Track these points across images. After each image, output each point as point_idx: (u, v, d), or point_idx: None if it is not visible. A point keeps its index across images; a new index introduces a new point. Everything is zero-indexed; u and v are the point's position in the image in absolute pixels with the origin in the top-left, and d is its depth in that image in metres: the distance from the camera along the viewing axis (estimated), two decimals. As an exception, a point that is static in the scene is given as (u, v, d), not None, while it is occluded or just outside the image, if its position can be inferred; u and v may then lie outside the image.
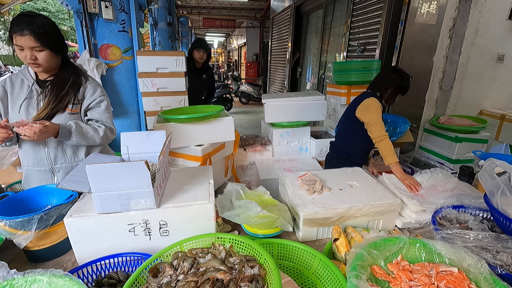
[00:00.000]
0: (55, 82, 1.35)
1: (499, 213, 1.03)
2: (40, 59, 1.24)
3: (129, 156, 1.26)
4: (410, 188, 1.40)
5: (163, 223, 1.01)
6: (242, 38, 15.26)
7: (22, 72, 1.36)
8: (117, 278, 0.93)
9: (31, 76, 1.35)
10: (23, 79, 1.35)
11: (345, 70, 3.08)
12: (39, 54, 1.24)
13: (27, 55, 1.22)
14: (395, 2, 3.33)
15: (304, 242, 1.15)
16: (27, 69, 1.35)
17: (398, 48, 3.27)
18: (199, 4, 11.58)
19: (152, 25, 6.55)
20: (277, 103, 2.74)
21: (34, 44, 1.20)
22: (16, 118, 1.33)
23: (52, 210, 1.04)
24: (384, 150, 1.56)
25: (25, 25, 1.18)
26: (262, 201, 1.33)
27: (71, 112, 1.39)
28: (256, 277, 0.80)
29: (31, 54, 1.22)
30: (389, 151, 1.55)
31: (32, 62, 1.24)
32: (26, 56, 1.22)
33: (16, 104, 1.33)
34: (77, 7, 2.88)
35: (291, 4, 6.69)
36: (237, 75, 11.25)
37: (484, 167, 1.09)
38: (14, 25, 1.19)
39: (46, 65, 1.28)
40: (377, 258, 0.90)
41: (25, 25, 1.18)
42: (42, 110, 1.32)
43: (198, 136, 1.89)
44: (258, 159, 2.79)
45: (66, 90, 1.36)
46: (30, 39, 1.19)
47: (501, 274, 0.87)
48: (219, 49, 23.87)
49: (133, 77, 3.29)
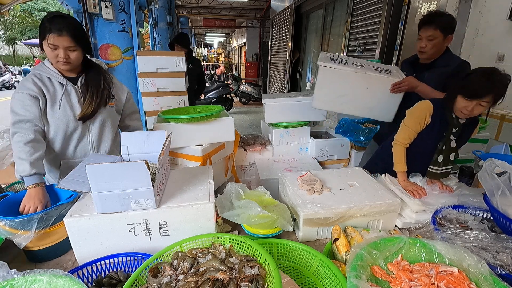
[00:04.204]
0: (91, 78, 1.42)
1: (499, 213, 1.03)
2: (72, 58, 1.31)
3: (129, 156, 1.26)
4: (413, 194, 1.36)
5: (163, 223, 1.01)
6: (242, 38, 15.26)
7: (42, 70, 1.35)
8: (117, 278, 0.93)
9: (59, 74, 1.36)
10: (49, 77, 1.35)
11: (345, 70, 3.07)
12: (72, 53, 1.30)
13: (59, 54, 1.27)
14: (395, 2, 3.33)
15: (304, 242, 1.15)
16: (47, 67, 1.36)
17: (398, 48, 3.27)
18: (199, 4, 11.57)
19: (152, 25, 6.55)
20: (277, 103, 2.73)
21: (70, 44, 1.27)
22: (57, 115, 1.35)
23: (52, 210, 1.04)
24: (395, 155, 1.53)
25: (64, 25, 1.24)
26: (262, 201, 1.33)
27: (111, 106, 1.50)
28: (256, 277, 0.80)
29: (65, 54, 1.28)
30: (397, 158, 1.51)
31: (64, 60, 1.29)
32: (58, 54, 1.27)
33: (55, 101, 1.35)
34: (77, 7, 2.88)
35: (291, 4, 6.68)
36: (237, 75, 11.25)
37: (484, 167, 1.09)
38: (51, 25, 1.22)
39: (75, 64, 1.35)
40: (377, 258, 0.90)
41: (64, 26, 1.24)
42: (87, 106, 1.39)
43: (198, 136, 1.89)
44: (258, 159, 2.79)
45: (103, 85, 1.45)
46: (67, 39, 1.25)
47: (501, 274, 0.88)
48: (219, 49, 23.86)
49: (133, 77, 3.29)
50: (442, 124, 1.43)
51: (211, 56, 23.19)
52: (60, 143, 1.42)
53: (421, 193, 1.36)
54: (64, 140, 1.42)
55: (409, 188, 1.38)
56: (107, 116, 1.49)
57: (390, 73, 1.84)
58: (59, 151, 1.44)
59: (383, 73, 1.83)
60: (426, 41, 1.64)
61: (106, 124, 1.50)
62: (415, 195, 1.35)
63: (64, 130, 1.39)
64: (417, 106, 1.49)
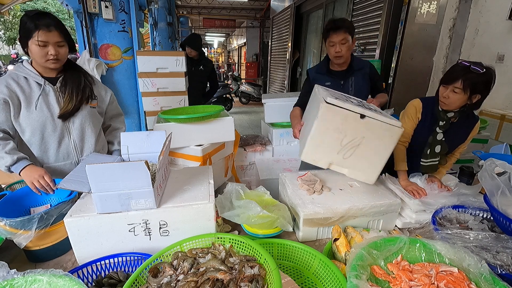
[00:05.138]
0: (70, 77, 1.39)
1: (499, 213, 1.03)
2: (61, 53, 1.29)
3: (129, 156, 1.26)
4: (413, 194, 1.36)
5: (163, 223, 1.01)
6: (242, 38, 15.25)
7: (20, 70, 1.32)
8: (117, 278, 0.93)
9: (37, 74, 1.33)
10: (26, 77, 1.32)
11: (345, 70, 3.07)
12: (60, 50, 1.28)
13: (50, 51, 1.25)
14: (395, 2, 3.33)
15: (304, 242, 1.15)
16: (25, 67, 1.32)
17: (398, 48, 3.27)
18: (199, 4, 11.58)
19: (152, 25, 6.54)
20: (277, 103, 2.74)
21: (59, 39, 1.26)
22: (33, 116, 1.32)
23: (52, 209, 1.04)
24: (395, 154, 1.54)
25: (51, 21, 1.23)
26: (262, 201, 1.33)
27: (92, 106, 1.46)
28: (256, 277, 0.80)
29: (55, 50, 1.26)
30: (398, 157, 1.52)
31: (54, 57, 1.27)
32: (48, 52, 1.25)
33: (31, 102, 1.31)
34: (77, 7, 2.87)
35: (291, 4, 6.69)
36: (237, 75, 11.24)
37: (484, 167, 1.09)
38: (38, 22, 1.20)
39: (63, 61, 1.33)
40: (377, 258, 0.90)
41: (51, 22, 1.23)
42: (67, 102, 1.36)
43: (198, 136, 1.89)
44: (258, 159, 2.79)
45: (84, 83, 1.42)
46: (56, 35, 1.24)
47: (501, 274, 0.88)
48: (219, 49, 23.86)
49: (133, 77, 3.29)
50: (432, 119, 1.49)
51: (211, 56, 23.21)
52: (38, 145, 1.37)
53: (421, 193, 1.36)
54: (43, 143, 1.37)
55: (409, 188, 1.39)
56: (89, 117, 1.45)
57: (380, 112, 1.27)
58: (39, 155, 1.40)
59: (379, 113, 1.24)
60: (340, 46, 1.66)
61: (87, 125, 1.45)
62: (415, 195, 1.35)
63: (41, 131, 1.35)
64: (407, 105, 1.57)
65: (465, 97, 1.33)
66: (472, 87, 1.30)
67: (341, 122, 1.15)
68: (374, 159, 1.21)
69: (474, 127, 1.48)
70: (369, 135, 1.17)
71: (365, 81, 1.82)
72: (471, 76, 1.29)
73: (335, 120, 1.15)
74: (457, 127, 1.47)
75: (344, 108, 1.14)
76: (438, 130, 1.47)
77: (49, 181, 1.20)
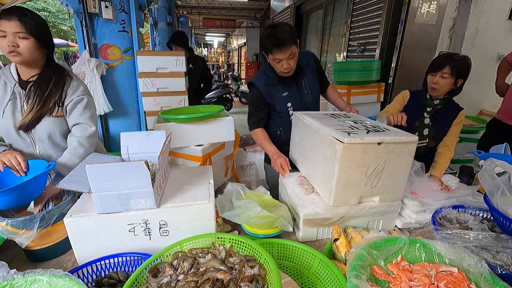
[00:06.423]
0: (38, 82, 1.27)
1: (499, 213, 1.03)
2: (22, 47, 1.17)
3: (129, 156, 1.26)
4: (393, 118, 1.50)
5: (163, 223, 1.01)
6: (242, 38, 15.27)
7: (3, 73, 1.28)
8: (117, 278, 0.93)
9: (13, 77, 1.27)
10: (6, 81, 1.26)
11: (345, 70, 3.08)
12: (22, 42, 1.16)
13: (8, 42, 1.14)
14: (395, 2, 3.33)
15: (304, 242, 1.15)
16: (9, 69, 1.28)
17: (398, 48, 3.27)
18: (199, 4, 11.58)
19: (152, 25, 6.54)
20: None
21: (18, 29, 1.14)
22: (1, 122, 1.25)
23: (54, 209, 1.05)
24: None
25: (15, 11, 1.14)
26: (262, 201, 1.33)
27: (57, 115, 1.31)
28: (256, 277, 0.80)
29: (13, 41, 1.14)
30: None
31: (12, 49, 1.15)
32: (7, 43, 1.14)
33: (1, 108, 1.25)
34: (77, 7, 2.87)
35: (291, 4, 6.68)
36: (237, 75, 11.25)
37: (484, 167, 1.09)
38: (2, 13, 1.14)
39: (27, 55, 1.19)
40: (377, 258, 0.90)
41: (14, 12, 1.14)
42: (27, 113, 1.25)
43: (198, 136, 1.89)
44: (258, 159, 2.79)
45: (49, 90, 1.28)
46: (15, 24, 1.13)
47: (501, 274, 0.87)
48: (219, 49, 23.87)
49: (133, 77, 3.29)
50: (419, 106, 1.70)
51: (211, 56, 23.21)
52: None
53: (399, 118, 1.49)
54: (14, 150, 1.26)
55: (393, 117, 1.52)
56: (55, 127, 1.31)
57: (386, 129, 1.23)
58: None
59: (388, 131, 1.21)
60: (287, 61, 1.50)
61: (56, 135, 1.32)
62: (394, 119, 1.50)
63: (8, 140, 1.27)
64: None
65: (452, 81, 1.54)
66: (457, 72, 1.52)
67: (361, 155, 1.10)
68: (398, 176, 1.20)
69: (459, 115, 1.65)
70: (390, 157, 1.14)
71: (314, 76, 1.73)
72: (455, 63, 1.51)
73: (356, 156, 1.10)
74: (441, 113, 1.67)
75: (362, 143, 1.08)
76: (426, 115, 1.68)
77: (20, 161, 1.15)
